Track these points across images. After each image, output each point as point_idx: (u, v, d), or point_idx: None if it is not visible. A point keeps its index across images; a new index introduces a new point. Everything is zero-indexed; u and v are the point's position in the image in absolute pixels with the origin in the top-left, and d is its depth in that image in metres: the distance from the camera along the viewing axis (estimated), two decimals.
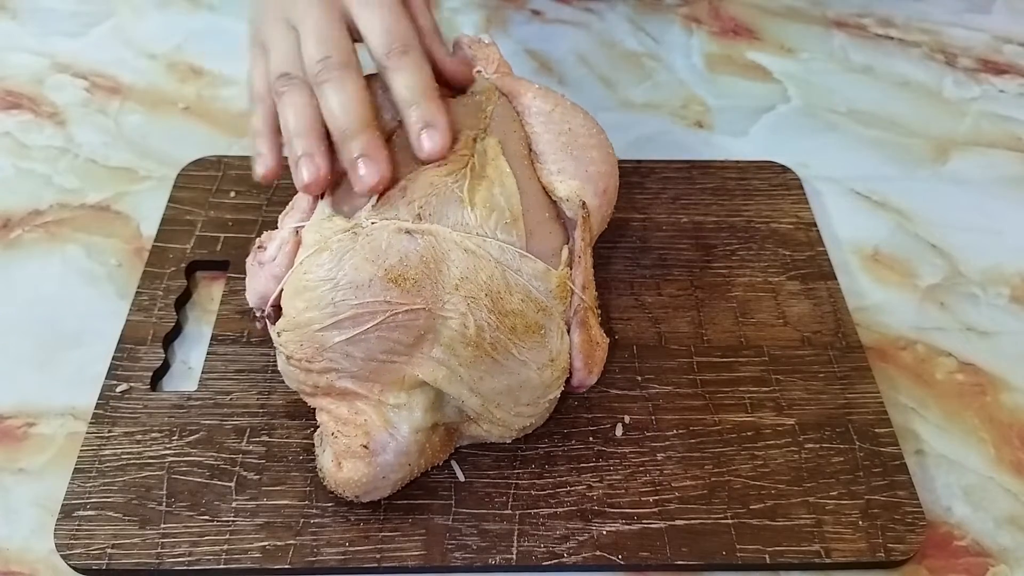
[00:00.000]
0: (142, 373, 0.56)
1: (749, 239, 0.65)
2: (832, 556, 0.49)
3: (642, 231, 0.65)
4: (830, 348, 0.58)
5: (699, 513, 0.50)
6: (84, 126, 0.74)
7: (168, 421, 0.54)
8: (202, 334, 0.59)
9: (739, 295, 0.61)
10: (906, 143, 0.75)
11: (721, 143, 0.74)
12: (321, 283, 0.47)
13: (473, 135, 0.51)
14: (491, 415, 0.49)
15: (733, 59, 0.82)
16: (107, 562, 0.48)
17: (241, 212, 0.65)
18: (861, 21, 0.87)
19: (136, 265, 0.63)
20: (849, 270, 0.65)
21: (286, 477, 0.51)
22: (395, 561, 0.48)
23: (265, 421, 0.54)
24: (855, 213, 0.69)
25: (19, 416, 0.55)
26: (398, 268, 0.46)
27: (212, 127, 0.74)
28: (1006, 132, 0.76)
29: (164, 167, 0.70)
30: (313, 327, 0.47)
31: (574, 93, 0.63)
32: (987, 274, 0.65)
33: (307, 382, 0.49)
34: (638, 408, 0.55)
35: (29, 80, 0.77)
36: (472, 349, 0.47)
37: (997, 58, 0.83)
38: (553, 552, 0.49)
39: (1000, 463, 0.55)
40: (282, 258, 0.50)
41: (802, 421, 0.55)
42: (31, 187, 0.69)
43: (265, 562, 0.48)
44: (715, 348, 0.58)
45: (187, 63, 0.79)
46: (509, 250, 0.48)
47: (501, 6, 0.87)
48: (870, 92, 0.80)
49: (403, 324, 0.47)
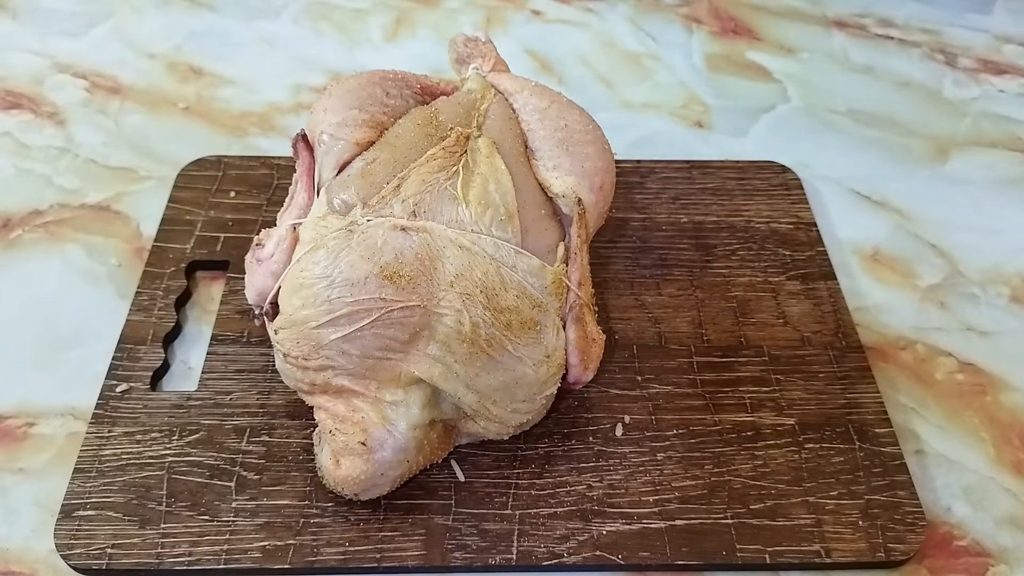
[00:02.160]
0: (142, 373, 0.56)
1: (749, 239, 0.65)
2: (832, 556, 0.49)
3: (642, 231, 0.65)
4: (830, 348, 0.58)
5: (699, 513, 0.50)
6: (84, 126, 0.74)
7: (168, 421, 0.54)
8: (202, 334, 0.59)
9: (739, 295, 0.61)
10: (906, 143, 0.75)
11: (721, 143, 0.74)
12: (317, 280, 0.47)
13: (467, 133, 0.52)
14: (487, 411, 0.49)
15: (733, 59, 0.82)
16: (107, 562, 0.48)
17: (241, 212, 0.65)
18: (861, 21, 0.87)
19: (136, 265, 0.63)
20: (849, 270, 0.65)
21: (286, 477, 0.51)
22: (395, 561, 0.48)
23: (265, 421, 0.54)
24: (855, 213, 0.69)
25: (19, 416, 0.55)
26: (393, 265, 0.47)
27: (212, 127, 0.74)
28: (1006, 132, 0.76)
29: (164, 167, 0.70)
30: (309, 324, 0.47)
31: (574, 93, 0.63)
32: (987, 274, 0.65)
33: (304, 380, 0.49)
34: (638, 408, 0.55)
35: (29, 80, 0.78)
36: (468, 346, 0.47)
37: (997, 58, 0.83)
38: (553, 552, 0.49)
39: (1000, 463, 0.55)
40: (280, 255, 0.50)
41: (802, 421, 0.55)
42: (31, 187, 0.69)
43: (265, 562, 0.48)
44: (715, 348, 0.58)
45: (187, 63, 0.79)
46: (504, 247, 0.48)
47: (501, 6, 0.87)
48: (870, 92, 0.80)
49: (399, 321, 0.47)
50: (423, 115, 0.53)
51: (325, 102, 0.54)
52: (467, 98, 0.55)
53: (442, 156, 0.50)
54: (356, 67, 0.79)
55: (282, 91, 0.77)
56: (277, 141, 0.73)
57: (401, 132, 0.53)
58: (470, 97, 0.55)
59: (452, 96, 0.56)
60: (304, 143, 0.54)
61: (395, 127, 0.53)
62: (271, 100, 0.76)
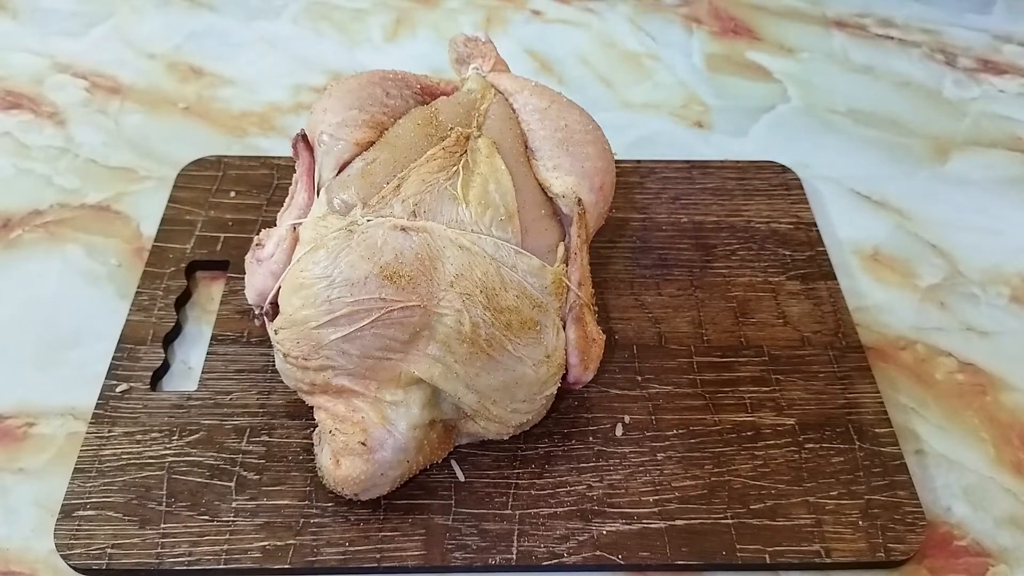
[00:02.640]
0: (142, 373, 0.56)
1: (749, 239, 0.65)
2: (832, 556, 0.49)
3: (642, 231, 0.65)
4: (830, 348, 0.58)
5: (699, 513, 0.50)
6: (84, 126, 0.74)
7: (168, 421, 0.54)
8: (202, 334, 0.59)
9: (739, 295, 0.61)
10: (906, 143, 0.75)
11: (721, 143, 0.74)
12: (317, 281, 0.47)
13: (467, 133, 0.52)
14: (487, 412, 0.49)
15: (733, 59, 0.82)
16: (107, 562, 0.48)
17: (241, 212, 0.65)
18: (861, 21, 0.87)
19: (136, 265, 0.63)
20: (849, 270, 0.65)
21: (286, 477, 0.51)
22: (395, 561, 0.48)
23: (265, 421, 0.54)
24: (855, 213, 0.69)
25: (19, 416, 0.55)
26: (393, 265, 0.47)
27: (212, 127, 0.74)
28: (1006, 132, 0.76)
29: (164, 167, 0.70)
30: (309, 325, 0.47)
31: (574, 93, 0.63)
32: (987, 274, 0.65)
33: (304, 380, 0.49)
34: (638, 408, 0.55)
35: (29, 80, 0.78)
36: (468, 346, 0.47)
37: (997, 58, 0.83)
38: (553, 552, 0.49)
39: (1000, 463, 0.55)
40: (280, 255, 0.50)
41: (802, 421, 0.55)
42: (31, 187, 0.69)
43: (265, 562, 0.48)
44: (715, 348, 0.58)
45: (187, 63, 0.79)
46: (504, 247, 0.48)
47: (501, 6, 0.87)
48: (870, 92, 0.80)
49: (399, 321, 0.47)
50: (423, 115, 0.53)
51: (325, 102, 0.54)
52: (467, 98, 0.55)
53: (442, 156, 0.50)
54: (356, 67, 0.79)
55: (282, 91, 0.77)
56: (277, 141, 0.73)
57: (401, 132, 0.53)
58: (470, 97, 0.55)
59: (452, 96, 0.56)
60: (304, 143, 0.54)
61: (395, 127, 0.53)
62: (271, 100, 0.76)
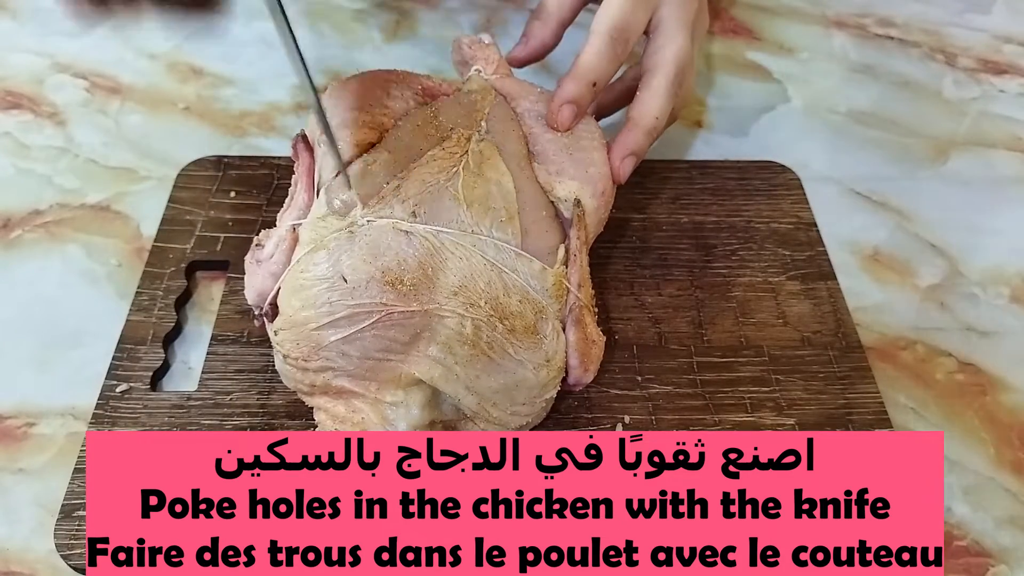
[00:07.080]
0: (142, 373, 0.56)
1: (749, 239, 0.65)
2: None
3: (642, 231, 0.65)
4: (830, 348, 0.58)
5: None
6: (84, 126, 0.74)
7: (168, 421, 0.54)
8: (202, 334, 0.59)
9: (739, 295, 0.61)
10: (906, 143, 0.75)
11: (721, 143, 0.74)
12: (317, 282, 0.47)
13: (468, 134, 0.52)
14: (487, 414, 0.49)
15: (733, 59, 0.82)
16: None
17: (241, 212, 0.65)
18: (861, 21, 0.87)
19: (136, 265, 0.63)
20: (849, 270, 0.65)
21: None
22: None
23: (265, 421, 0.54)
24: (855, 213, 0.69)
25: (19, 416, 0.55)
26: (395, 271, 0.47)
27: (212, 127, 0.74)
28: (1006, 132, 0.76)
29: (164, 167, 0.70)
30: (309, 326, 0.47)
31: None
32: (987, 274, 0.65)
33: (304, 381, 0.49)
34: (638, 408, 0.55)
35: (29, 80, 0.77)
36: (468, 348, 0.47)
37: (997, 58, 0.83)
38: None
39: (1000, 463, 0.55)
40: (279, 256, 0.50)
41: (802, 421, 0.55)
42: (31, 187, 0.69)
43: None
44: (715, 348, 0.58)
45: (187, 63, 0.79)
46: (505, 248, 0.48)
47: (501, 6, 0.87)
48: (870, 92, 0.80)
49: (399, 323, 0.47)
50: (424, 116, 0.53)
51: (325, 102, 0.54)
52: (468, 99, 0.55)
53: (443, 157, 0.50)
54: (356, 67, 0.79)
55: (282, 91, 0.77)
56: (277, 141, 0.73)
57: (402, 133, 0.53)
58: (471, 98, 0.55)
59: (453, 97, 0.56)
60: (304, 144, 0.54)
61: (396, 128, 0.53)
62: (271, 100, 0.76)
